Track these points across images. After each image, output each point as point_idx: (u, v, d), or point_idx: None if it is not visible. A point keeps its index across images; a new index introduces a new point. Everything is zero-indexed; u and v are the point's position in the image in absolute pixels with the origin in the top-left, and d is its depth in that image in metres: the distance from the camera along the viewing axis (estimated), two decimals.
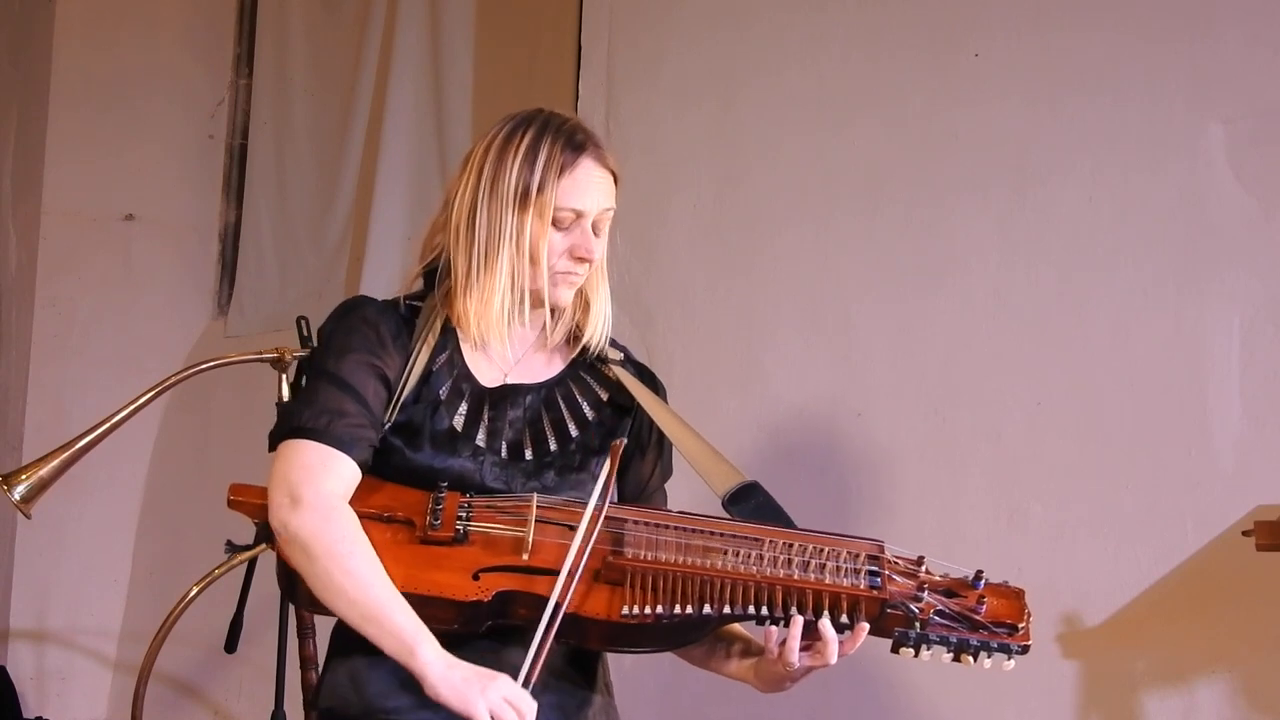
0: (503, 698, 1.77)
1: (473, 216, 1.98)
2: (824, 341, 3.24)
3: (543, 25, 4.23)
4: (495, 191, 1.97)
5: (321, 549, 1.84)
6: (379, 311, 2.02)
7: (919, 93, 3.18)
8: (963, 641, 1.88)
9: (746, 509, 1.97)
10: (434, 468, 1.94)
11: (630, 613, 1.84)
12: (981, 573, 1.92)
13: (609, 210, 2.02)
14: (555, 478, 1.99)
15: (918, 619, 1.88)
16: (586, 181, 1.98)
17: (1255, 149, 2.77)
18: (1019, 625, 1.89)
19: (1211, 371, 2.76)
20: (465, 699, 1.77)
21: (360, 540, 1.85)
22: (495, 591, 1.85)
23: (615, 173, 2.03)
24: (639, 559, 1.88)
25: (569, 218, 1.98)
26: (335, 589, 1.83)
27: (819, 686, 3.09)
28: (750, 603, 1.86)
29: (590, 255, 1.99)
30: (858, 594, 1.87)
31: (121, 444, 3.77)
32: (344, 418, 1.91)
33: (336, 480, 1.89)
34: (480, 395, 2.01)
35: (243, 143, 4.97)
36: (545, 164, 1.96)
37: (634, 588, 1.86)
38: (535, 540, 1.88)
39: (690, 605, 1.85)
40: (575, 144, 1.98)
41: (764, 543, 1.90)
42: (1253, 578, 2.63)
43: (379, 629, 1.81)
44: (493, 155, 1.99)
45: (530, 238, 1.96)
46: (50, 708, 4.55)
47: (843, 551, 1.90)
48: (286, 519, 1.86)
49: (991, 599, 1.91)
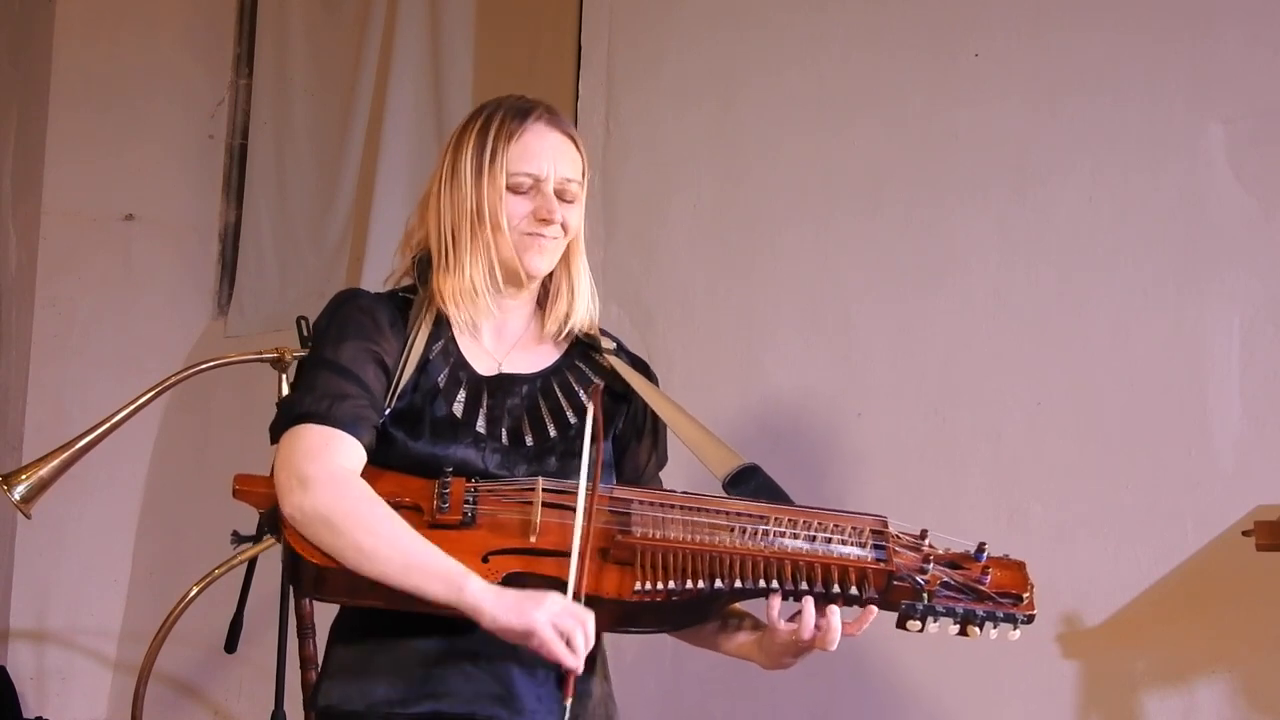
0: (561, 609, 1.79)
1: (439, 200, 2.02)
2: (824, 341, 3.24)
3: (543, 25, 4.23)
4: (455, 173, 2.01)
5: (342, 517, 1.83)
6: (374, 300, 2.04)
7: (919, 93, 3.18)
8: (969, 612, 1.90)
9: (747, 491, 1.99)
10: (436, 455, 1.94)
11: (643, 588, 1.85)
12: (984, 545, 1.94)
13: (571, 180, 2.03)
14: (557, 463, 1.99)
15: (924, 590, 1.89)
16: (538, 145, 2.01)
17: (1255, 149, 2.77)
18: (1024, 595, 1.91)
19: (1211, 371, 2.76)
20: (525, 617, 1.78)
21: (378, 501, 1.86)
22: (504, 574, 1.85)
23: (574, 139, 2.05)
24: (648, 537, 1.89)
25: (526, 182, 2.00)
26: (368, 552, 1.82)
27: (822, 684, 3.10)
28: (760, 577, 1.87)
29: (552, 216, 2.00)
30: (865, 566, 1.89)
31: (121, 444, 3.77)
32: (345, 400, 1.92)
33: (343, 458, 1.89)
34: (478, 383, 2.02)
35: (243, 143, 4.97)
36: (495, 134, 2.00)
37: (644, 566, 1.87)
38: (542, 522, 1.89)
39: (701, 580, 1.86)
40: (521, 111, 2.03)
41: (769, 519, 1.92)
42: (1253, 578, 2.63)
43: (423, 574, 1.81)
44: (453, 143, 2.05)
45: (489, 206, 1.99)
46: (50, 708, 4.55)
47: (847, 526, 1.92)
48: (300, 501, 1.85)
49: (995, 570, 1.93)
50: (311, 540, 1.85)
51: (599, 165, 3.54)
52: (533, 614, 1.78)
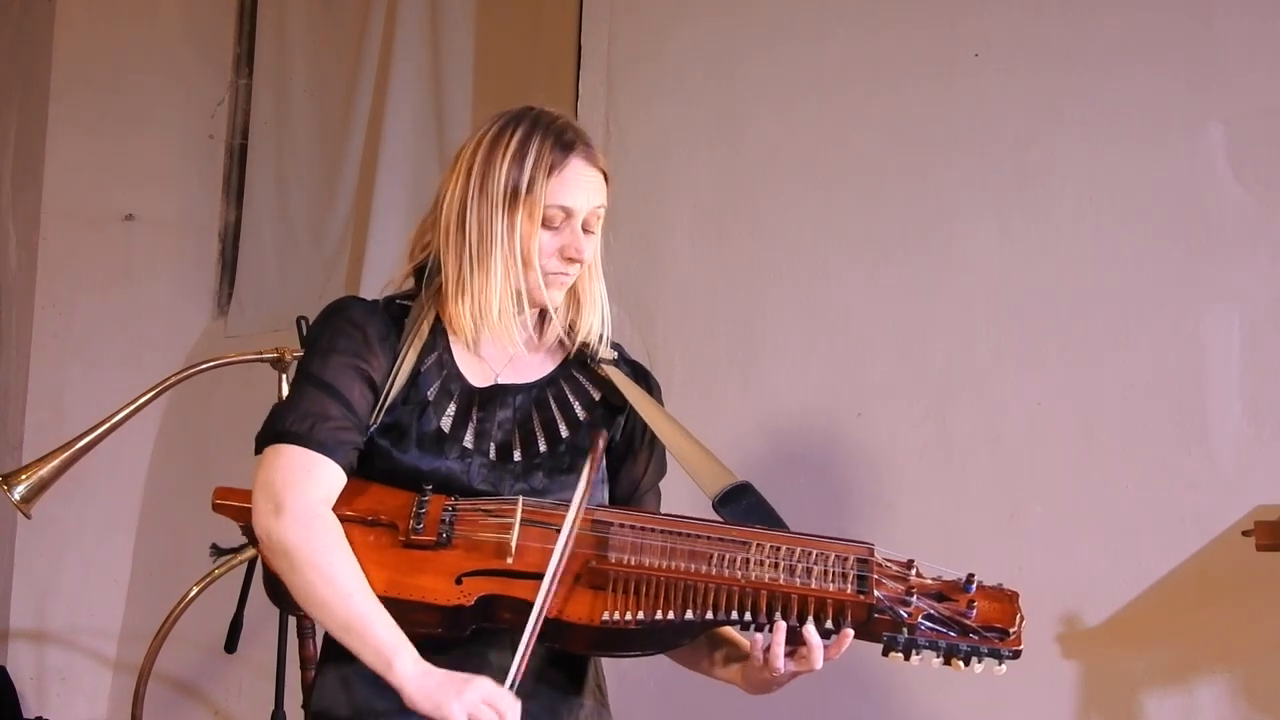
0: (480, 699, 1.77)
1: (463, 216, 1.97)
2: (824, 341, 3.24)
3: (543, 25, 4.23)
4: (485, 191, 1.96)
5: (303, 558, 1.83)
6: (366, 312, 2.01)
7: (919, 93, 3.18)
8: (952, 647, 1.85)
9: (738, 510, 1.95)
10: (420, 469, 1.94)
11: (611, 619, 1.84)
12: (973, 575, 1.89)
13: (600, 208, 2.01)
14: (544, 479, 1.98)
15: (905, 624, 1.85)
16: (575, 180, 1.97)
17: (1255, 149, 2.77)
18: (1010, 630, 1.86)
19: (1211, 371, 2.76)
20: (440, 705, 1.77)
21: (342, 550, 1.85)
22: (478, 596, 1.84)
23: (605, 171, 2.02)
24: (622, 563, 1.86)
25: (559, 216, 1.97)
26: (317, 599, 1.84)
27: (818, 688, 3.09)
28: (734, 608, 1.84)
29: (580, 256, 1.99)
30: (844, 599, 1.84)
31: (121, 444, 3.78)
32: (327, 421, 1.90)
33: (319, 486, 1.88)
34: (469, 396, 2.00)
35: (243, 143, 4.97)
36: (535, 163, 1.95)
37: (616, 592, 1.85)
38: (520, 544, 1.87)
39: (673, 611, 1.84)
40: (565, 143, 1.98)
41: (751, 546, 1.88)
42: (1253, 578, 2.63)
43: (360, 641, 1.81)
44: (482, 154, 1.98)
45: (521, 238, 1.95)
46: (50, 708, 4.55)
47: (831, 555, 1.88)
48: (270, 527, 1.86)
49: (983, 602, 1.88)
50: (270, 566, 1.87)
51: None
52: (449, 704, 1.76)
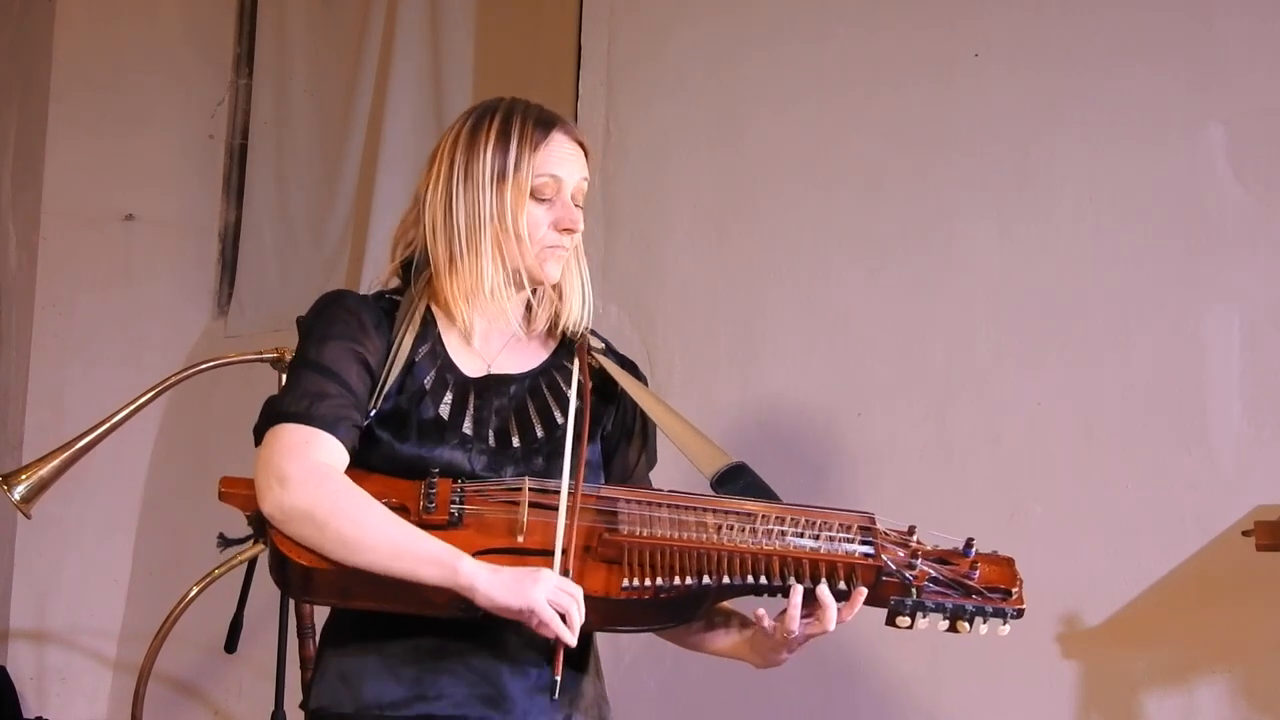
0: (555, 585, 1.79)
1: (449, 204, 2.00)
2: (824, 341, 3.24)
3: (543, 25, 4.23)
4: (470, 175, 1.99)
5: (325, 511, 1.82)
6: (359, 301, 2.03)
7: (919, 93, 3.18)
8: (958, 607, 1.90)
9: (735, 489, 1.98)
10: (422, 457, 1.94)
11: (630, 585, 1.85)
12: (972, 540, 1.94)
13: (584, 180, 2.05)
14: (544, 464, 1.98)
15: (913, 585, 1.90)
16: (560, 153, 2.01)
17: (1255, 149, 2.77)
18: (1012, 590, 1.92)
19: (1211, 371, 2.76)
20: (521, 594, 1.78)
21: (360, 491, 1.85)
22: None
23: (585, 147, 2.07)
24: (635, 535, 1.89)
25: (548, 185, 2.00)
26: (353, 542, 1.81)
27: (818, 686, 3.10)
28: (748, 573, 1.87)
29: (575, 225, 2.02)
30: (853, 562, 1.89)
31: (121, 444, 3.77)
32: (325, 399, 1.91)
33: (323, 455, 1.88)
34: (464, 385, 2.01)
35: (243, 143, 4.97)
36: (519, 141, 1.99)
37: (632, 564, 1.87)
38: (529, 521, 1.88)
39: (689, 577, 1.86)
40: (545, 121, 2.03)
41: (757, 517, 1.92)
42: (1253, 578, 2.63)
43: (414, 559, 1.80)
44: (463, 144, 2.01)
45: (511, 212, 1.98)
46: (50, 708, 4.55)
47: (835, 523, 1.92)
48: (279, 499, 1.84)
49: (983, 565, 1.93)
50: (295, 538, 1.84)
51: (599, 165, 3.54)
52: (531, 592, 1.78)
